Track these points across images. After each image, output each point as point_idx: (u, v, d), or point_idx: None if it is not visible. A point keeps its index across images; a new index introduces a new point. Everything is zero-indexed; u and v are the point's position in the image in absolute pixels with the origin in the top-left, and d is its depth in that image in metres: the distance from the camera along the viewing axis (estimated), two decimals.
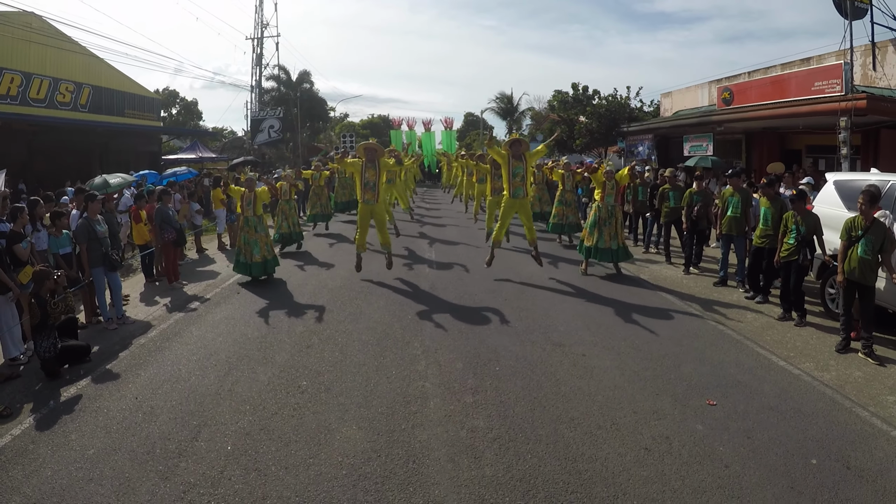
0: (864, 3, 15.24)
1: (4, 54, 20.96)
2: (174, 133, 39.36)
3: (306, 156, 42.19)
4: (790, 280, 8.22)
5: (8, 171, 12.89)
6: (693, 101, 26.17)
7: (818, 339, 7.59)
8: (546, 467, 4.55)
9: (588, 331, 7.88)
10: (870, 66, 16.79)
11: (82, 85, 25.11)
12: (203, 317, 8.78)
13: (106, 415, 5.56)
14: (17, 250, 6.98)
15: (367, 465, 4.60)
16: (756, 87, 18.74)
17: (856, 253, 6.93)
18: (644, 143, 25.62)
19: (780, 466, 4.55)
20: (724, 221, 10.12)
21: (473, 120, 69.59)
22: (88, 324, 8.47)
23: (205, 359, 6.97)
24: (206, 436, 5.10)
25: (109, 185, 13.71)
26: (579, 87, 30.89)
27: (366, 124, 66.69)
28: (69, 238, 8.47)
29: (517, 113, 55.02)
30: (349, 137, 44.65)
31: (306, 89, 44.96)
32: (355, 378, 6.32)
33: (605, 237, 10.80)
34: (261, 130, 40.02)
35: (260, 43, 42.76)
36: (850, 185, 8.72)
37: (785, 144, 20.84)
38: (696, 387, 6.04)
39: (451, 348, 7.21)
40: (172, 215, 11.10)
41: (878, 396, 5.85)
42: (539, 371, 6.46)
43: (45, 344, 6.45)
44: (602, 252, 10.84)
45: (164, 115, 45.76)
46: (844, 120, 13.94)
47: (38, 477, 4.51)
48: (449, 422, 5.31)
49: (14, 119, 20.69)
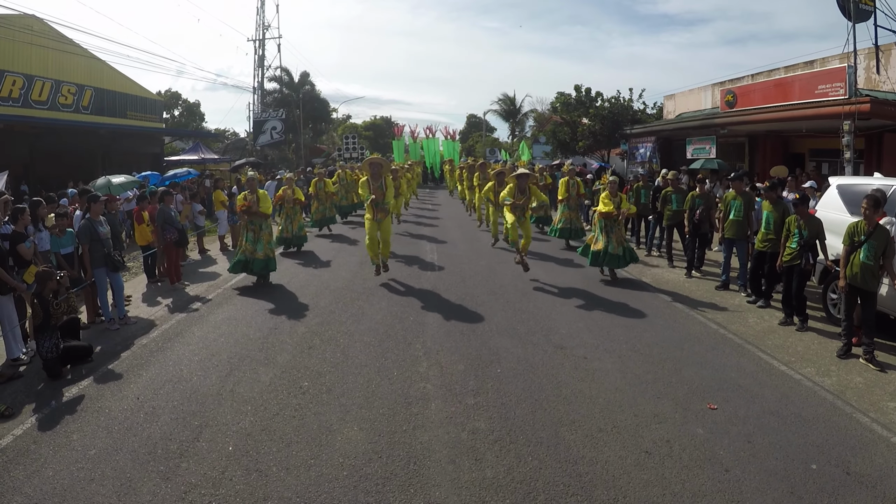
0: (868, 6, 15.23)
1: (6, 57, 21.01)
2: (176, 135, 39.41)
3: (308, 157, 42.31)
4: (792, 285, 8.21)
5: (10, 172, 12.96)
6: (696, 103, 26.14)
7: (819, 345, 7.58)
8: (547, 470, 4.55)
9: (590, 333, 7.88)
10: (874, 69, 16.75)
11: (84, 87, 25.16)
12: (205, 317, 8.79)
13: (108, 415, 5.57)
14: (20, 250, 7.01)
15: (368, 466, 4.61)
16: (759, 90, 18.70)
17: (858, 258, 6.91)
18: (647, 145, 25.59)
19: (780, 471, 4.54)
20: (726, 225, 10.11)
21: (476, 122, 69.69)
22: (91, 324, 8.49)
23: (206, 359, 6.99)
24: (207, 436, 5.11)
25: (112, 186, 13.75)
26: (582, 89, 30.86)
27: (368, 126, 66.77)
28: (72, 238, 8.49)
29: (520, 115, 55.14)
30: (351, 139, 44.75)
31: (308, 91, 45.07)
32: (357, 379, 6.33)
33: (614, 243, 10.80)
34: (263, 132, 40.12)
35: (262, 44, 42.95)
36: (853, 189, 8.70)
37: (788, 148, 20.81)
38: (697, 390, 6.04)
39: (452, 350, 7.22)
40: (174, 216, 11.13)
41: (878, 402, 5.84)
42: (540, 373, 6.46)
43: (47, 344, 6.47)
44: (612, 258, 10.83)
45: (167, 117, 45.77)
46: (848, 123, 13.90)
47: (39, 477, 4.52)
48: (450, 423, 5.32)
49: (16, 121, 20.70)
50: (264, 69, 43.56)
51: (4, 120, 19.99)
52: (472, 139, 65.88)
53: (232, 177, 23.12)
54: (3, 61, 20.92)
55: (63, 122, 23.39)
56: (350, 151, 41.49)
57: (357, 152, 41.59)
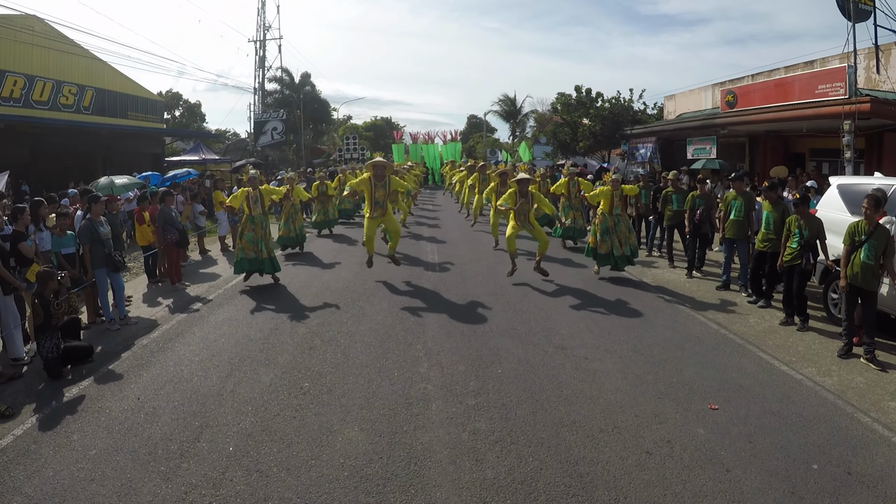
0: (868, 6, 15.23)
1: (7, 57, 21.06)
2: (177, 135, 39.43)
3: (309, 157, 42.31)
4: (792, 284, 8.20)
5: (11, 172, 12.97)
6: (696, 103, 26.15)
7: (820, 344, 7.57)
8: (548, 470, 4.55)
9: (590, 334, 7.88)
10: (873, 69, 16.76)
11: (85, 87, 25.20)
12: (206, 318, 8.79)
13: (108, 415, 5.57)
14: (22, 248, 7.02)
15: (369, 467, 4.61)
16: (759, 90, 18.70)
17: (859, 258, 6.90)
18: (647, 145, 25.57)
19: (781, 471, 4.54)
20: (727, 225, 10.10)
21: (476, 122, 69.67)
22: (91, 324, 8.49)
23: (207, 360, 6.99)
24: (208, 437, 5.11)
25: (115, 186, 13.76)
26: (583, 90, 30.85)
27: (369, 126, 66.77)
28: (73, 238, 8.50)
29: (520, 115, 55.07)
30: (352, 140, 44.75)
31: (309, 91, 45.07)
32: (357, 380, 6.32)
33: (618, 244, 10.84)
34: (264, 132, 40.10)
35: (262, 45, 42.91)
36: (853, 189, 8.69)
37: (789, 148, 20.80)
38: (698, 391, 6.04)
39: (453, 350, 7.22)
40: (175, 217, 11.13)
41: (879, 402, 5.84)
42: (541, 374, 6.46)
43: (47, 344, 6.47)
44: (619, 259, 10.94)
45: (168, 118, 45.84)
46: (848, 123, 13.91)
47: (39, 477, 4.52)
48: (451, 424, 5.31)
49: (17, 121, 20.77)
50: (265, 70, 43.57)
51: (6, 120, 20.04)
52: (472, 140, 65.87)
53: (233, 177, 23.10)
54: (4, 61, 20.97)
55: (64, 122, 23.43)
56: (351, 152, 41.51)
57: (358, 153, 41.62)
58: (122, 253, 8.92)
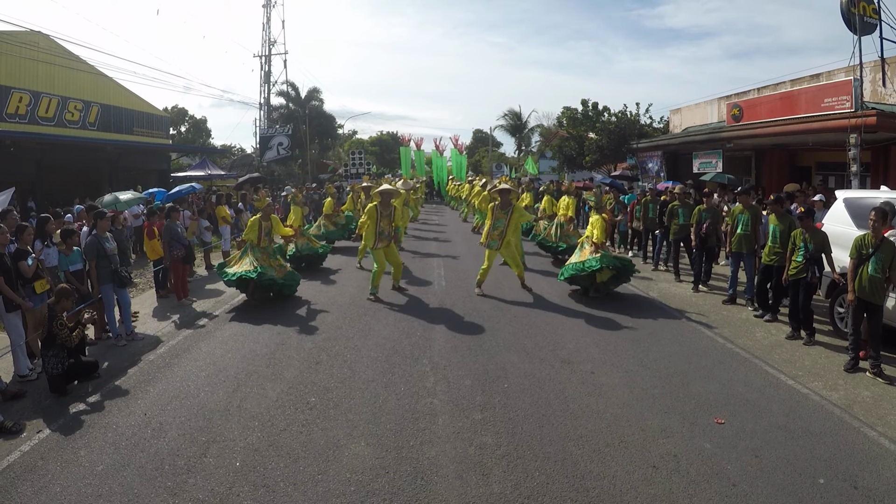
0: (873, 19, 15.27)
1: (13, 73, 21.29)
2: (183, 150, 39.69)
3: (315, 172, 42.49)
4: (798, 298, 8.19)
5: (17, 188, 13.04)
6: (702, 117, 26.18)
7: (827, 358, 7.54)
8: (554, 485, 4.54)
9: (597, 348, 7.87)
10: (880, 81, 16.78)
11: (90, 103, 25.44)
12: (212, 333, 8.82)
13: (115, 431, 5.59)
14: (21, 267, 7.01)
15: (376, 482, 4.61)
16: (765, 104, 18.70)
17: (866, 271, 6.90)
18: (654, 159, 25.59)
19: (787, 485, 4.52)
20: (733, 239, 10.09)
21: (482, 136, 69.95)
22: (98, 340, 8.52)
23: (213, 375, 7.01)
24: (214, 452, 5.12)
25: (119, 202, 13.84)
26: (589, 104, 30.94)
27: (374, 141, 67.14)
28: (80, 255, 8.54)
29: (526, 129, 55.30)
30: (358, 154, 44.92)
31: (315, 106, 45.30)
32: (364, 394, 6.33)
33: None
34: (270, 147, 40.29)
35: (268, 60, 43.18)
36: (859, 202, 8.69)
37: (795, 161, 20.77)
38: (705, 405, 6.02)
39: (459, 365, 7.22)
40: (181, 232, 11.18)
41: (886, 416, 5.81)
42: (547, 388, 6.45)
43: (52, 360, 6.48)
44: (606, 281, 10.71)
45: (173, 133, 46.20)
46: (854, 137, 13.89)
47: (46, 493, 4.54)
48: (457, 438, 5.31)
49: (23, 137, 20.92)
50: (270, 85, 43.86)
51: (12, 136, 20.22)
52: (478, 154, 66.11)
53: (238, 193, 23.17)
54: (9, 78, 21.21)
55: (70, 138, 23.67)
56: (356, 167, 41.64)
57: (363, 168, 41.77)
58: (128, 269, 8.96)
